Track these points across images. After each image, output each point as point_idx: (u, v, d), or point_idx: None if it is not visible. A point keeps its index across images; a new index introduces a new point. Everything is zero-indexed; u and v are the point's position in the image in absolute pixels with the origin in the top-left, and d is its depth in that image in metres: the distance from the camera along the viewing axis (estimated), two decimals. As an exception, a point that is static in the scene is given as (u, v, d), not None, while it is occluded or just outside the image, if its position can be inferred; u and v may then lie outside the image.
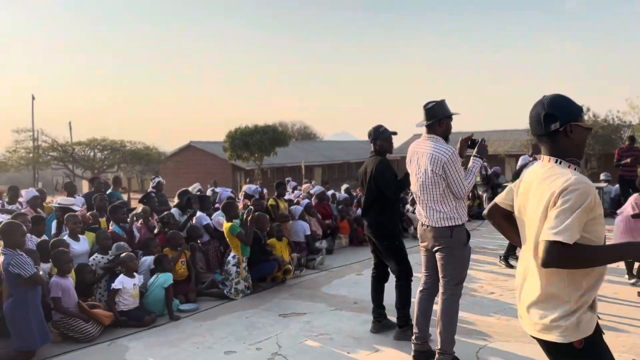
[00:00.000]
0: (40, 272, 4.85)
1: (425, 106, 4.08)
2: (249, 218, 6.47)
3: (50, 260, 5.52)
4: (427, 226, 4.03)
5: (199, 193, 8.61)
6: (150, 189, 9.64)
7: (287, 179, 13.11)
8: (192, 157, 37.53)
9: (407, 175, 4.57)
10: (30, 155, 29.44)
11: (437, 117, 4.03)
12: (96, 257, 6.02)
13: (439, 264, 4.01)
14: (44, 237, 6.21)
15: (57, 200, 7.02)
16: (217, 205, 8.94)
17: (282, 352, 4.58)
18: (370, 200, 4.81)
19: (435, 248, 4.00)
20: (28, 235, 5.47)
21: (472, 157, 4.09)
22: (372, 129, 4.87)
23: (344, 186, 12.43)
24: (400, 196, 5.33)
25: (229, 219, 6.58)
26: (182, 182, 17.52)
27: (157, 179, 9.98)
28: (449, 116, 4.07)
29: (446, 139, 4.07)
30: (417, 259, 4.83)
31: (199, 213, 7.75)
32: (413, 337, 4.26)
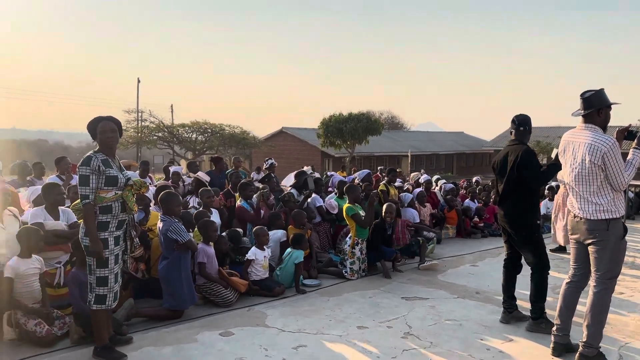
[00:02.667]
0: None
1: (582, 95, 3.96)
2: (370, 201, 6.61)
3: (191, 229, 6.00)
4: (581, 218, 3.93)
5: (314, 175, 8.90)
6: (263, 170, 10.10)
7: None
8: (283, 142, 38.49)
9: (552, 165, 4.47)
10: (138, 135, 31.56)
11: (596, 107, 3.90)
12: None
13: (592, 257, 3.90)
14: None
15: (197, 174, 7.54)
16: (329, 188, 9.20)
17: (414, 332, 4.68)
18: (509, 189, 4.74)
19: (589, 241, 3.89)
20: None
21: (631, 149, 3.92)
22: (520, 117, 4.80)
23: (435, 177, 12.18)
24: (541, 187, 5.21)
25: (350, 201, 6.76)
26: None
27: (270, 161, 10.42)
28: (608, 106, 3.93)
29: (604, 129, 3.93)
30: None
31: (313, 195, 8.01)
32: (554, 329, 4.19)
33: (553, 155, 4.49)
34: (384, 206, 6.96)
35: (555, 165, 4.44)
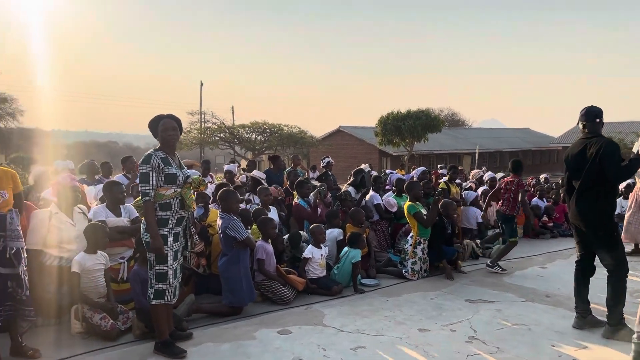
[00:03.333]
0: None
1: None
2: (435, 200, 6.39)
3: (249, 226, 6.03)
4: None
5: (372, 173, 8.75)
6: (321, 168, 10.05)
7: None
8: (340, 141, 38.41)
9: (636, 160, 4.11)
10: (201, 135, 32.46)
11: None
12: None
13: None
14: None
15: (252, 172, 7.60)
16: (387, 186, 9.01)
17: (479, 336, 4.45)
18: (587, 185, 4.39)
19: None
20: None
21: None
22: (593, 109, 4.46)
23: (500, 175, 11.64)
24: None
25: (411, 199, 6.56)
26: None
27: (327, 159, 10.36)
28: None
29: None
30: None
31: (372, 192, 7.85)
32: (634, 336, 3.85)
33: (635, 149, 4.14)
34: (443, 204, 6.70)
35: (639, 160, 4.09)
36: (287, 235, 6.38)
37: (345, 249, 6.12)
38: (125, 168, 8.29)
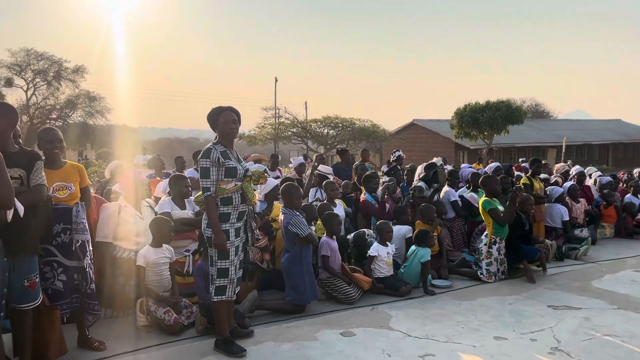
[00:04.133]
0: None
1: None
2: (513, 197, 5.90)
3: (314, 222, 5.87)
4: None
5: (446, 168, 8.31)
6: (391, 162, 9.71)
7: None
8: (414, 135, 37.55)
9: None
10: (275, 131, 32.94)
11: None
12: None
13: None
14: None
15: (318, 167, 7.44)
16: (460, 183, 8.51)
17: (563, 347, 4.00)
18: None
19: None
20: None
21: None
22: None
23: (591, 169, 10.66)
24: None
25: (487, 195, 6.11)
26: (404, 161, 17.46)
27: (397, 153, 9.99)
28: None
29: None
30: None
31: (447, 188, 7.43)
32: None
33: None
34: (520, 199, 6.18)
35: None
36: (352, 235, 6.15)
37: (413, 247, 5.80)
38: (196, 162, 8.42)
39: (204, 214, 4.03)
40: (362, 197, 6.94)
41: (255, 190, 4.19)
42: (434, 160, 7.81)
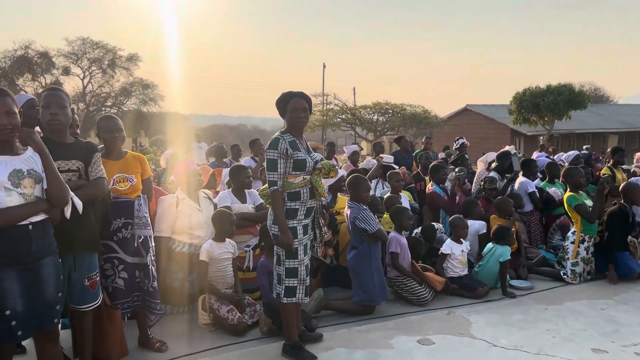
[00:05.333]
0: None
1: None
2: (600, 190, 5.33)
3: (377, 216, 5.49)
4: None
5: (520, 156, 7.72)
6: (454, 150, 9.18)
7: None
8: (467, 120, 36.34)
9: None
10: (324, 117, 32.58)
11: None
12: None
13: None
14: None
15: (383, 158, 7.01)
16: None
17: (678, 367, 3.48)
18: None
19: None
20: None
21: None
22: None
23: None
24: None
25: (571, 189, 5.55)
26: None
27: (460, 140, 9.47)
28: None
29: None
30: None
31: (522, 178, 6.84)
32: None
33: None
34: (622, 186, 5.58)
35: None
36: (419, 229, 5.73)
37: (490, 244, 5.33)
38: (253, 151, 8.18)
39: (270, 209, 3.74)
40: (430, 188, 6.49)
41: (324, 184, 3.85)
42: (507, 148, 7.24)
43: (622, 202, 5.53)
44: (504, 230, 5.29)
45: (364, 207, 4.53)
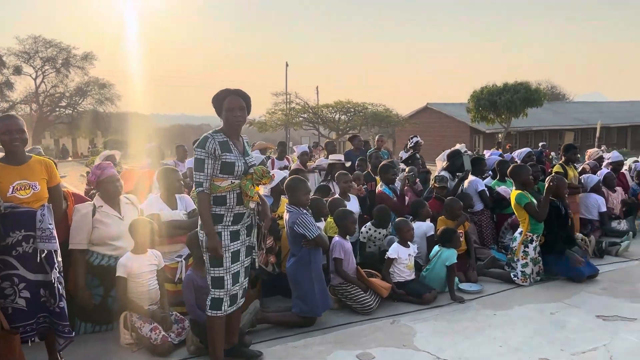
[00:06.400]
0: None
1: None
2: (548, 187, 5.19)
3: (322, 219, 5.21)
4: None
5: (470, 155, 7.57)
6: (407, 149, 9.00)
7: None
8: (428, 119, 36.55)
9: None
10: (285, 116, 32.20)
11: None
12: (370, 229, 5.46)
13: None
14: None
15: (328, 158, 6.74)
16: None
17: (626, 375, 3.31)
18: None
19: None
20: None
21: None
22: None
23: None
24: None
25: (518, 187, 5.39)
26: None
27: (415, 139, 9.26)
28: None
29: None
30: None
31: (472, 177, 6.69)
32: None
33: None
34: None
35: None
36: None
37: (437, 248, 5.12)
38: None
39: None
40: (379, 188, 6.24)
41: (256, 188, 3.52)
42: (458, 146, 7.08)
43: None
44: (450, 232, 5.09)
45: (304, 211, 4.24)
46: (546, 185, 5.21)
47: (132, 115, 44.46)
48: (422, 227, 5.44)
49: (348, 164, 7.20)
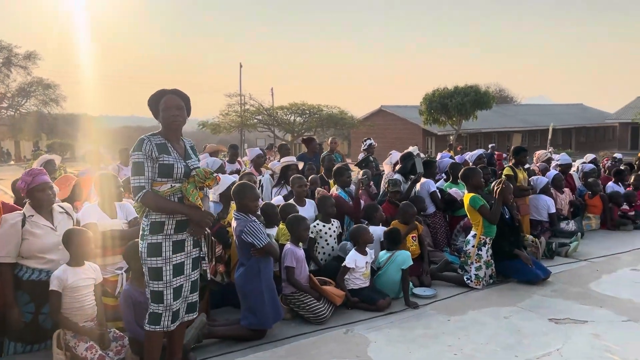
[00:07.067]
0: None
1: None
2: (499, 189, 5.19)
3: (275, 225, 5.04)
4: None
5: (422, 157, 7.54)
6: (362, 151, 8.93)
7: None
8: (382, 121, 36.89)
9: None
10: (240, 118, 31.71)
11: None
12: (317, 224, 5.31)
13: None
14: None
15: (281, 160, 6.55)
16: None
17: (579, 380, 3.29)
18: None
19: None
20: None
21: None
22: None
23: (590, 156, 10.13)
24: None
25: (471, 189, 5.37)
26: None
27: (368, 141, 9.20)
28: None
29: None
30: None
31: (423, 179, 6.66)
32: None
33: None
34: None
35: None
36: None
37: (383, 252, 5.03)
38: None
39: (142, 221, 3.20)
40: (334, 192, 6.10)
41: (199, 192, 3.30)
42: (410, 149, 7.05)
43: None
44: (395, 232, 5.02)
45: (252, 218, 4.04)
46: (495, 188, 5.21)
47: (80, 117, 42.88)
48: (377, 232, 5.34)
49: (301, 166, 7.04)
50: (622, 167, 9.17)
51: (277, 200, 5.71)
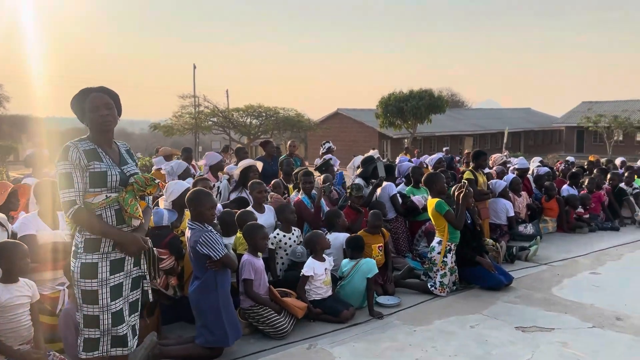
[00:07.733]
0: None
1: None
2: (461, 194, 5.09)
3: (232, 234, 4.76)
4: None
5: (384, 161, 7.40)
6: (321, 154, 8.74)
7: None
8: (339, 124, 36.92)
9: None
10: (194, 120, 30.93)
11: None
12: (277, 234, 5.06)
13: None
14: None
15: (239, 163, 6.24)
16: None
17: (552, 393, 3.18)
18: None
19: None
20: None
21: None
22: None
23: (536, 159, 10.39)
24: None
25: (434, 194, 5.26)
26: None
27: (327, 144, 9.04)
28: None
29: None
30: None
31: (385, 183, 6.51)
32: None
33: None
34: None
35: None
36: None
37: (346, 261, 4.84)
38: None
39: (75, 236, 2.87)
40: (298, 197, 5.84)
41: (140, 201, 3.00)
42: (371, 152, 6.90)
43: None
44: (358, 240, 4.85)
45: (209, 227, 3.75)
46: (457, 193, 5.12)
47: (25, 119, 40.93)
48: (340, 238, 5.14)
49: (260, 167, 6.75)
50: (574, 170, 9.33)
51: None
